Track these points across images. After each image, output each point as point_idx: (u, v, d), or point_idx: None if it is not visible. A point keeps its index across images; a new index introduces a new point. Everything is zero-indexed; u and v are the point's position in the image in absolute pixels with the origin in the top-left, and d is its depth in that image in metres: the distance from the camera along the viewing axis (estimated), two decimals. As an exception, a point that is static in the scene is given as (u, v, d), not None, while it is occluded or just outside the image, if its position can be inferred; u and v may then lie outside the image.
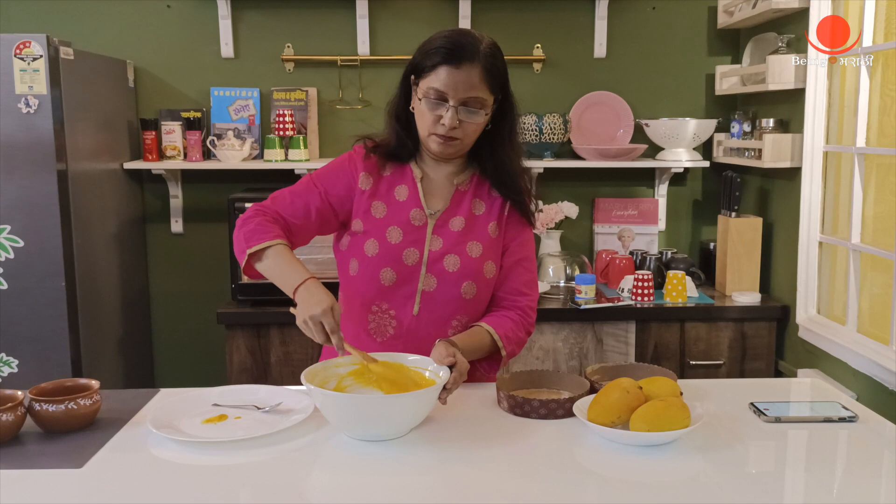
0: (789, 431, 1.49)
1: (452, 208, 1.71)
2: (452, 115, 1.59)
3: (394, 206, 1.71)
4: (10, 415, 1.39)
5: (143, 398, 1.63)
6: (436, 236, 1.69)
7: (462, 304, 1.68)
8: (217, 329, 3.00)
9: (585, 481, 1.32)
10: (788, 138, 2.81)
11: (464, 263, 1.67)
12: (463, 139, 1.64)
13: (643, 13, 3.34)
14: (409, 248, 1.68)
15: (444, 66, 1.58)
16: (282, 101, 3.25)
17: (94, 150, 2.90)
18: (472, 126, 1.63)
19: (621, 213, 3.39)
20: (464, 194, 1.73)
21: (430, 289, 1.67)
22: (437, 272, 1.67)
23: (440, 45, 1.59)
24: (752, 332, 2.93)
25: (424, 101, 1.61)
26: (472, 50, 1.58)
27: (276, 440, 1.41)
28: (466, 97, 1.59)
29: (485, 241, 1.70)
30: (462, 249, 1.68)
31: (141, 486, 1.27)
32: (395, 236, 1.68)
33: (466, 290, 1.67)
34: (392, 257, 1.67)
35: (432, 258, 1.68)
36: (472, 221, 1.71)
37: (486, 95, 1.60)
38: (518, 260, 1.73)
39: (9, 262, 2.60)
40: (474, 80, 1.58)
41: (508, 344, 1.67)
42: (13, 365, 2.65)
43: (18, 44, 2.52)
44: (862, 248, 2.51)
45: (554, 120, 3.13)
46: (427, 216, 1.70)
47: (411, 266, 1.67)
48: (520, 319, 1.71)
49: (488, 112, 1.64)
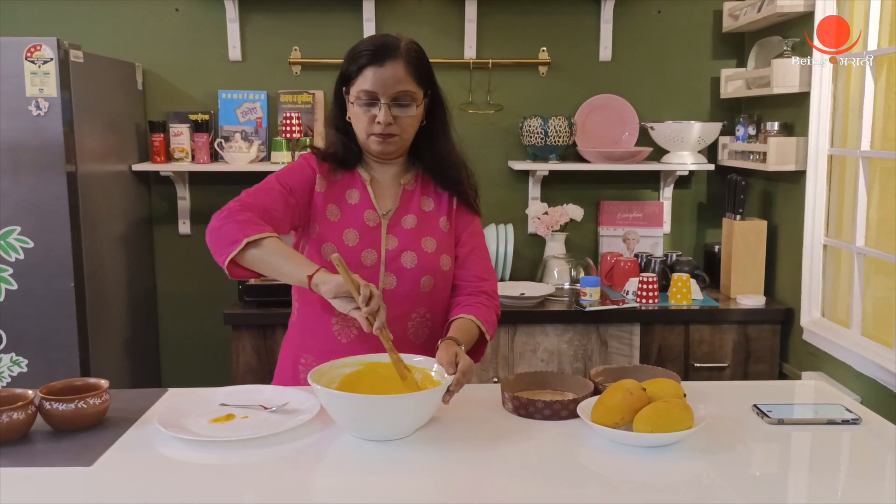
0: (792, 433, 1.50)
1: (403, 207, 1.76)
2: (385, 111, 1.65)
3: (347, 210, 1.74)
4: (20, 413, 1.41)
5: (151, 398, 1.64)
6: (390, 235, 1.73)
7: (421, 299, 1.72)
8: (223, 330, 3.02)
9: (588, 482, 1.33)
10: (793, 142, 2.82)
11: (420, 259, 1.72)
12: (401, 134, 1.69)
13: (648, 16, 3.35)
14: (367, 249, 1.71)
15: (369, 68, 1.65)
16: (289, 103, 3.27)
17: (103, 152, 2.92)
18: (407, 119, 1.68)
19: (626, 216, 3.40)
20: (411, 193, 1.78)
21: (390, 287, 1.71)
22: (396, 270, 1.71)
23: (362, 49, 1.66)
24: (757, 335, 2.93)
25: (357, 105, 1.67)
26: (394, 48, 1.65)
27: (283, 440, 1.42)
28: (395, 92, 1.65)
29: (438, 235, 1.76)
30: (417, 246, 1.73)
31: (149, 485, 1.28)
32: (352, 238, 1.71)
33: (425, 284, 1.72)
34: (351, 260, 1.66)
35: (389, 257, 1.72)
36: (423, 218, 1.77)
37: (414, 89, 1.67)
38: (472, 249, 1.80)
39: (18, 263, 2.62)
40: (400, 74, 1.64)
41: (490, 328, 1.74)
42: (22, 365, 2.67)
43: (29, 47, 2.54)
44: (866, 252, 2.51)
45: (559, 123, 3.14)
46: (380, 216, 1.74)
47: (370, 266, 1.70)
48: (489, 303, 1.77)
49: (419, 104, 1.69)
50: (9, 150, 2.57)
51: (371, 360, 1.59)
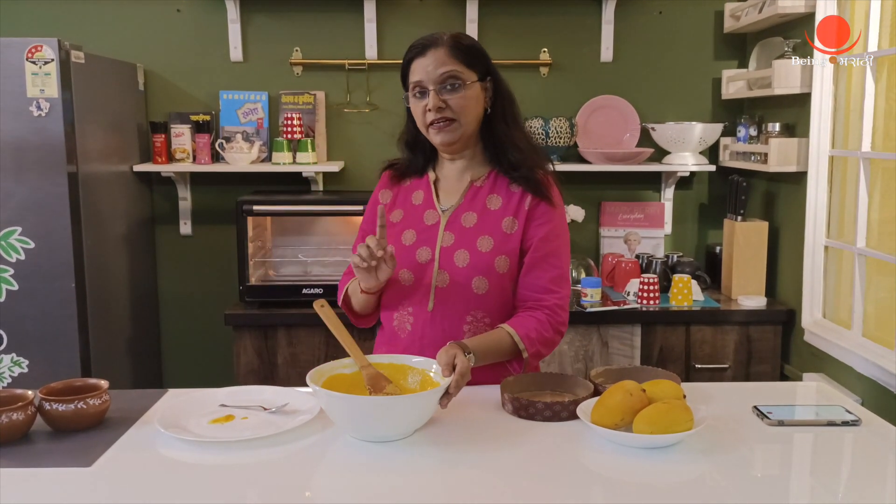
0: (793, 435, 1.49)
1: (466, 204, 1.74)
2: (433, 96, 1.66)
3: (409, 211, 1.78)
4: (20, 414, 1.41)
5: (152, 398, 1.64)
6: (448, 232, 1.72)
7: (475, 300, 1.69)
8: (224, 330, 3.02)
9: (589, 483, 1.33)
10: (794, 142, 2.82)
11: (473, 258, 1.69)
12: (458, 119, 1.68)
13: (650, 17, 3.34)
14: (422, 247, 1.72)
15: (415, 61, 1.69)
16: (290, 104, 3.27)
17: (105, 153, 2.92)
18: (459, 101, 1.67)
19: (627, 217, 3.40)
20: (478, 190, 1.75)
21: (443, 285, 1.70)
22: (449, 267, 1.70)
23: (410, 47, 1.72)
24: (758, 336, 2.93)
25: (412, 100, 1.70)
26: (435, 38, 1.69)
27: (283, 440, 1.42)
28: (439, 76, 1.66)
29: (497, 235, 1.71)
30: (472, 244, 1.70)
31: (149, 485, 1.29)
32: (410, 238, 1.74)
33: (478, 286, 1.69)
34: (407, 258, 1.72)
35: (444, 254, 1.70)
36: (484, 216, 1.73)
37: (459, 69, 1.67)
38: (543, 256, 1.70)
39: (20, 263, 2.63)
40: (442, 58, 1.66)
41: (531, 345, 1.66)
42: (23, 365, 2.67)
43: (30, 48, 2.54)
44: (867, 253, 2.51)
45: (560, 124, 3.14)
46: (440, 213, 1.74)
47: (424, 263, 1.71)
48: (546, 319, 1.69)
49: (469, 86, 1.67)
50: (10, 151, 2.58)
51: (371, 360, 1.59)
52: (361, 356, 1.57)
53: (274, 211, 3.04)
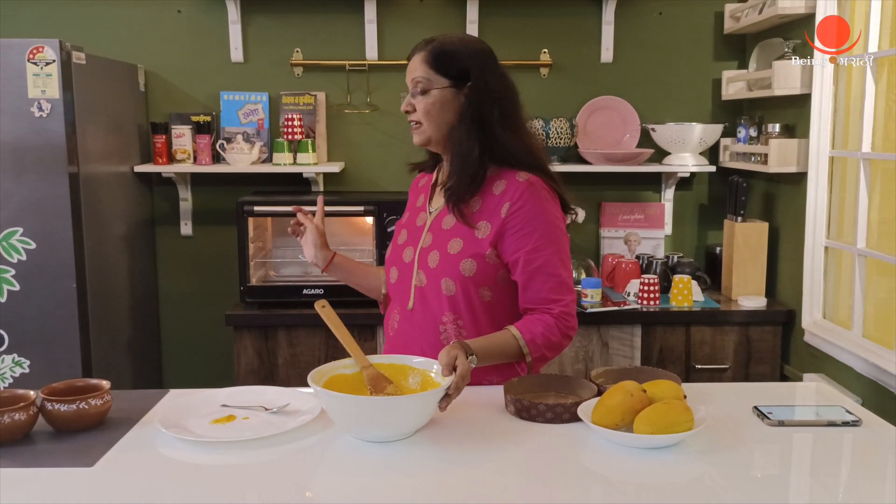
0: (793, 435, 1.49)
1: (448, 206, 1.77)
2: (406, 99, 1.72)
3: (412, 211, 1.85)
4: (22, 414, 1.41)
5: (153, 398, 1.64)
6: (429, 233, 1.76)
7: (446, 301, 1.70)
8: (225, 331, 3.03)
9: (589, 483, 1.33)
10: (794, 143, 2.82)
11: (442, 259, 1.71)
12: (423, 122, 1.71)
13: (650, 18, 3.35)
14: (408, 247, 1.78)
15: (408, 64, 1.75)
16: (290, 105, 3.27)
17: (105, 154, 2.93)
18: (424, 105, 1.69)
19: (627, 218, 3.40)
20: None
21: (421, 285, 1.73)
22: (424, 268, 1.73)
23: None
24: (758, 337, 2.93)
25: None
26: (421, 44, 1.72)
27: (284, 441, 1.43)
28: (411, 80, 1.70)
29: (468, 238, 1.69)
30: (444, 246, 1.72)
31: (150, 485, 1.29)
32: (403, 237, 1.81)
33: (446, 287, 1.69)
34: (396, 256, 1.80)
35: (422, 254, 1.74)
36: (461, 219, 1.72)
37: (427, 75, 1.69)
38: (536, 269, 1.67)
39: (21, 264, 2.63)
40: (416, 63, 1.71)
41: (535, 349, 1.65)
42: (24, 365, 2.68)
43: (31, 49, 2.55)
44: (867, 253, 2.51)
45: (560, 124, 3.15)
46: (428, 215, 1.78)
47: (408, 262, 1.77)
48: (554, 323, 1.68)
49: (437, 90, 1.67)
50: (11, 152, 2.58)
51: (370, 360, 1.59)
52: (362, 356, 1.57)
53: (274, 212, 3.04)
